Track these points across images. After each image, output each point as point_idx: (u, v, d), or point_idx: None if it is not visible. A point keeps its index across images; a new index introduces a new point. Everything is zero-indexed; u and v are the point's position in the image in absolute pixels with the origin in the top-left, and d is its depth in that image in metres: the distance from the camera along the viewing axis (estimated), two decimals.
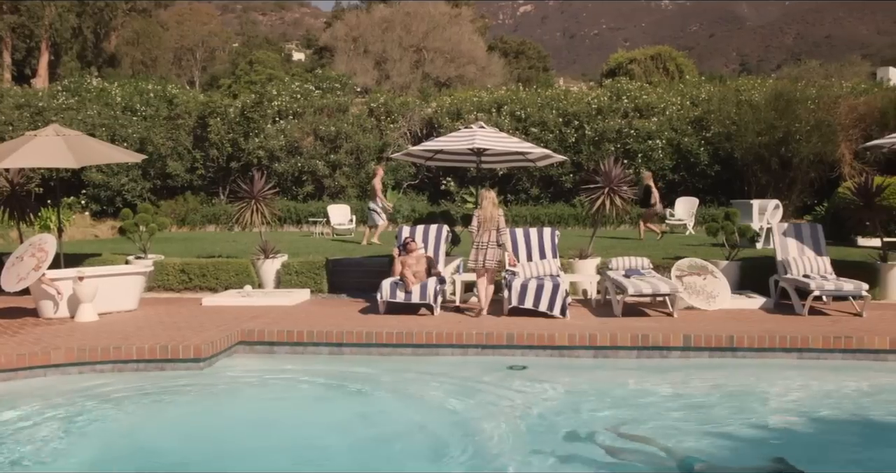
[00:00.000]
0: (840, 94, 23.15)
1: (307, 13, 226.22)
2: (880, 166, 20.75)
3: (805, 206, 21.93)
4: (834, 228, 15.73)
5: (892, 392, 7.50)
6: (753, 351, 8.35)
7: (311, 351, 8.72)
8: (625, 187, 11.98)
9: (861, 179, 12.39)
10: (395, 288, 9.93)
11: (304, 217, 23.52)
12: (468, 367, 8.12)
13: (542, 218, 22.79)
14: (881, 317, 9.67)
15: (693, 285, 10.52)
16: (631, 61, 46.42)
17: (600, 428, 6.16)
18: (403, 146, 24.48)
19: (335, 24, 63.62)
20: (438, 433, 6.26)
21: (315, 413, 6.96)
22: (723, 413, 6.70)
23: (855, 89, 24.63)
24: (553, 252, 11.06)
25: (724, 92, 25.11)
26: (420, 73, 53.00)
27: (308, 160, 24.86)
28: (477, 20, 65.52)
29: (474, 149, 11.23)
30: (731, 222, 12.01)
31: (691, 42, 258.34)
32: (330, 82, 28.85)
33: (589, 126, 24.34)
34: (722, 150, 23.36)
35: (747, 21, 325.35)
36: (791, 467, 5.32)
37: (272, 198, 13.21)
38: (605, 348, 8.41)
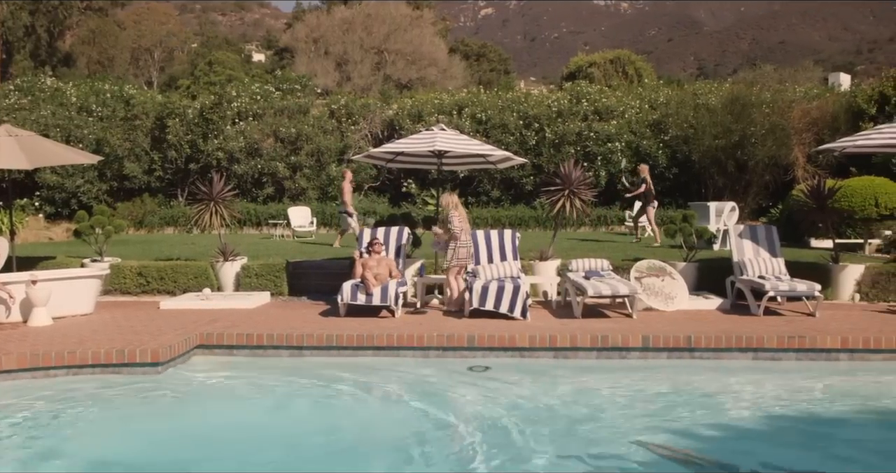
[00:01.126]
0: (794, 99, 23.62)
1: (267, 14, 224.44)
2: (832, 169, 21.21)
3: (760, 208, 22.31)
4: (788, 230, 16.03)
5: (843, 389, 7.67)
6: (710, 351, 8.48)
7: (271, 354, 8.66)
8: (584, 189, 12.08)
9: (814, 182, 12.64)
10: (356, 290, 9.89)
11: (265, 219, 23.35)
12: (429, 369, 8.12)
13: (502, 220, 22.89)
14: (833, 317, 9.88)
15: (652, 286, 10.64)
16: (591, 65, 46.86)
17: (569, 428, 6.21)
18: (364, 148, 24.42)
19: (296, 25, 63.18)
20: (399, 436, 6.25)
21: (275, 417, 6.91)
22: (681, 412, 6.78)
23: (808, 94, 25.15)
24: (514, 254, 11.11)
25: (681, 95, 25.48)
26: (381, 75, 52.89)
27: (268, 162, 24.67)
28: (438, 22, 65.54)
29: (435, 152, 11.25)
30: (688, 224, 12.17)
31: (650, 46, 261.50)
32: (290, 83, 28.67)
33: (549, 128, 24.51)
34: (680, 153, 23.70)
35: (704, 26, 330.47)
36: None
37: (231, 200, 13.08)
38: (566, 349, 8.48)
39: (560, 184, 11.97)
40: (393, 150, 11.81)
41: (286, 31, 70.46)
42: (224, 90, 27.02)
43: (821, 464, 5.73)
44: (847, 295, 11.50)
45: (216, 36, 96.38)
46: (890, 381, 7.90)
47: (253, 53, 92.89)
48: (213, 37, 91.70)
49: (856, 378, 8.02)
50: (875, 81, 24.13)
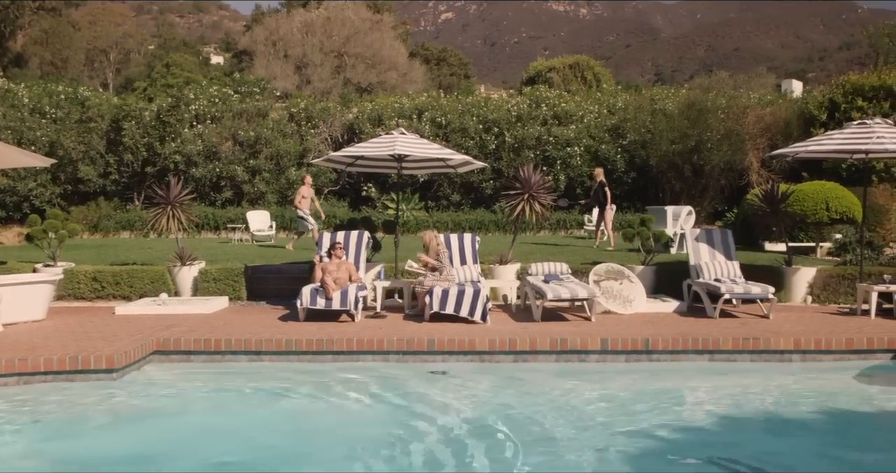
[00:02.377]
0: (748, 105, 24.04)
1: (226, 16, 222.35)
2: (785, 174, 21.62)
3: (716, 212, 22.66)
4: (743, 233, 16.30)
5: (796, 390, 7.82)
6: (668, 354, 8.60)
7: (228, 359, 8.57)
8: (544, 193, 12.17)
9: (767, 187, 12.87)
10: (316, 294, 9.84)
11: (223, 223, 23.09)
12: (389, 373, 8.11)
13: (463, 224, 22.94)
14: (786, 319, 10.08)
15: (610, 289, 10.75)
16: (550, 70, 47.17)
17: (527, 430, 6.24)
18: (324, 152, 24.30)
19: (255, 28, 62.66)
20: (356, 440, 6.24)
21: (232, 423, 6.84)
22: (639, 414, 6.86)
23: (761, 100, 25.62)
24: (474, 257, 11.15)
25: (639, 101, 25.79)
26: (341, 79, 52.69)
27: (227, 165, 24.43)
28: (398, 26, 65.56)
29: (395, 155, 11.24)
30: (646, 228, 12.32)
31: (608, 52, 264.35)
32: (249, 86, 28.47)
33: (509, 133, 24.64)
34: (638, 158, 23.98)
35: (662, 32, 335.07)
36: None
37: (189, 203, 12.95)
38: (525, 353, 8.52)
39: (519, 189, 12.04)
40: (353, 154, 11.77)
41: (245, 33, 69.85)
42: (182, 92, 26.70)
43: (773, 463, 5.84)
44: (800, 297, 11.73)
45: (174, 38, 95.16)
46: (840, 381, 8.08)
47: (211, 56, 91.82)
48: (170, 38, 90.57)
49: (808, 378, 8.18)
50: (825, 88, 24.66)
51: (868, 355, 8.63)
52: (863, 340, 8.67)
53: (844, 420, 6.89)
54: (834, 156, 13.09)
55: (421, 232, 10.83)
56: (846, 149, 10.95)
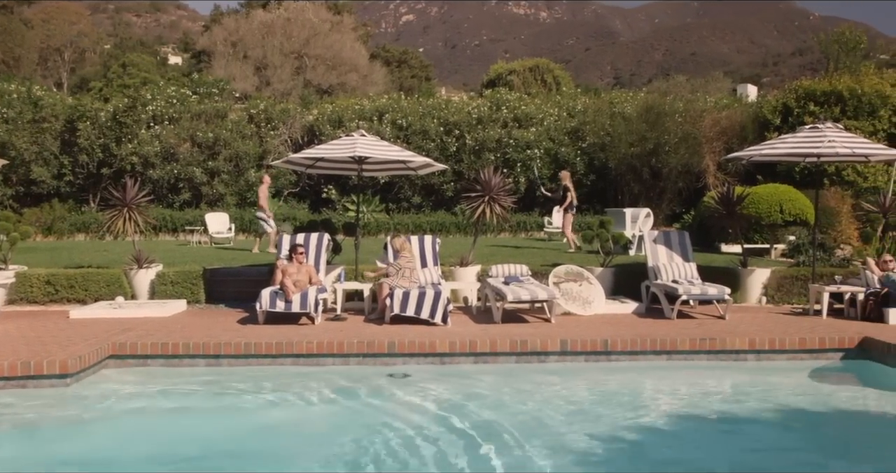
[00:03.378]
0: (705, 109, 24.37)
1: (184, 16, 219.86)
2: (741, 177, 21.97)
3: (674, 214, 22.94)
4: (700, 235, 16.53)
5: (751, 388, 7.96)
6: (626, 354, 8.69)
7: (186, 363, 8.46)
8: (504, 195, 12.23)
9: (723, 189, 13.09)
10: (275, 297, 9.77)
11: (181, 225, 22.79)
12: (349, 376, 8.08)
13: (423, 226, 22.94)
14: (741, 319, 10.25)
15: (569, 291, 10.84)
16: (510, 72, 47.40)
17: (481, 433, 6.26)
18: (284, 153, 24.13)
19: (213, 28, 61.95)
20: (315, 444, 6.21)
21: (190, 427, 6.76)
22: (599, 414, 6.92)
23: (718, 104, 26.00)
24: (434, 260, 11.17)
25: (598, 104, 26.00)
26: (301, 80, 52.37)
27: (185, 167, 24.13)
28: (359, 28, 65.35)
29: (355, 157, 11.20)
30: (605, 230, 12.44)
31: (568, 55, 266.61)
32: (208, 87, 28.13)
33: (469, 135, 24.69)
34: (597, 160, 24.19)
35: (621, 36, 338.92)
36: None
37: (146, 205, 12.76)
38: (485, 354, 8.56)
39: (480, 191, 12.09)
40: (313, 156, 11.72)
41: (203, 33, 69.00)
42: (138, 93, 26.29)
43: (727, 461, 5.94)
44: (755, 297, 11.94)
45: (130, 37, 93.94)
46: (793, 380, 8.25)
47: (169, 56, 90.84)
48: (126, 38, 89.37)
49: (762, 377, 8.34)
50: (779, 93, 25.12)
51: (820, 354, 8.82)
52: (815, 340, 8.85)
53: (797, 418, 7.02)
54: (787, 159, 13.36)
55: (396, 237, 10.80)
56: (799, 152, 11.19)
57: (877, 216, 13.55)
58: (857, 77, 21.88)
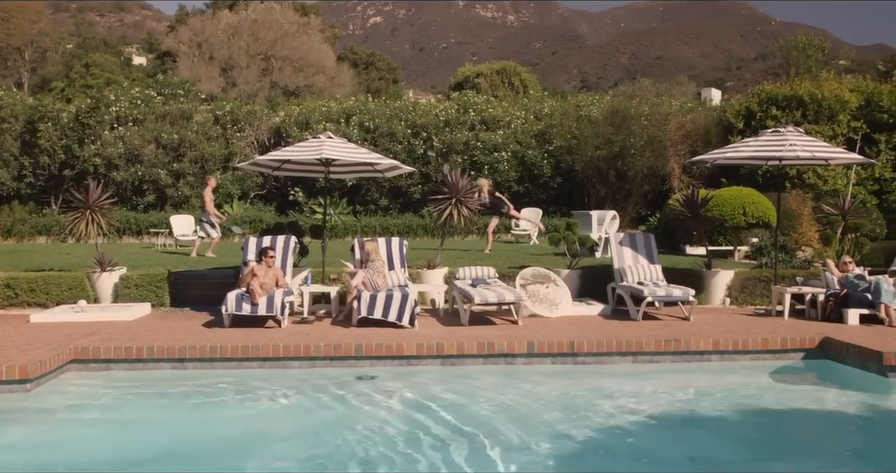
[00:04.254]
0: (670, 112, 24.66)
1: (149, 16, 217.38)
2: (705, 180, 22.24)
3: (640, 217, 23.16)
4: (665, 237, 16.69)
5: (715, 389, 8.07)
6: (592, 356, 8.76)
7: (151, 367, 8.37)
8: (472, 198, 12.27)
9: (688, 192, 13.24)
10: (241, 300, 9.69)
11: (145, 228, 22.53)
12: (315, 379, 8.04)
13: (391, 228, 22.90)
14: (706, 321, 10.39)
15: (536, 293, 10.89)
16: (478, 75, 47.51)
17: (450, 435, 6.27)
18: (250, 155, 23.97)
19: (179, 29, 61.28)
20: (280, 449, 6.18)
21: (154, 432, 6.68)
22: (565, 416, 6.96)
23: (683, 108, 26.30)
24: (402, 262, 11.16)
25: (565, 107, 26.19)
26: (268, 82, 52.01)
27: (149, 169, 23.86)
28: (326, 30, 65.06)
29: (322, 160, 11.16)
30: (571, 232, 12.52)
31: (535, 58, 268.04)
32: (173, 88, 27.85)
33: (437, 138, 24.72)
34: (564, 163, 24.34)
35: (587, 40, 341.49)
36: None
37: (109, 208, 12.59)
38: (453, 357, 8.57)
39: (447, 193, 12.11)
40: (279, 158, 11.66)
41: (169, 34, 68.22)
42: (102, 94, 25.94)
43: (691, 460, 6.01)
44: (719, 299, 12.10)
45: (93, 37, 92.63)
46: (755, 379, 8.39)
47: (133, 56, 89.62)
48: (89, 38, 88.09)
49: (726, 377, 8.46)
50: (742, 97, 25.48)
51: (781, 354, 8.97)
52: (777, 340, 8.99)
53: (760, 418, 7.13)
54: (750, 162, 13.56)
55: (369, 242, 10.77)
56: (761, 155, 11.36)
57: (836, 218, 13.79)
58: (817, 82, 22.27)
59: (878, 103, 21.36)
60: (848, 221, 13.69)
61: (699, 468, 5.91)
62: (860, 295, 10.25)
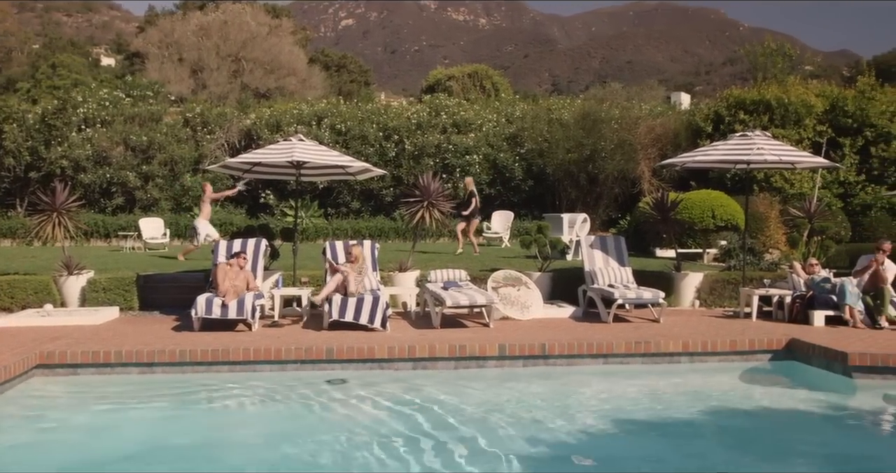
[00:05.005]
0: (640, 116, 24.88)
1: (117, 16, 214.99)
2: (675, 183, 22.44)
3: (610, 220, 23.32)
4: (636, 240, 16.82)
5: (684, 390, 8.15)
6: (564, 358, 8.80)
7: (118, 371, 8.27)
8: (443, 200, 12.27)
9: (658, 195, 13.35)
10: (211, 303, 9.61)
11: (114, 231, 22.27)
12: (286, 383, 8.00)
13: (362, 231, 22.85)
14: (675, 323, 10.48)
15: (508, 296, 10.92)
16: (450, 78, 47.61)
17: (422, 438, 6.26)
18: (221, 158, 23.80)
19: (148, 30, 60.72)
20: (253, 451, 6.14)
21: (119, 438, 6.60)
22: (536, 418, 6.98)
23: (652, 111, 26.55)
24: (373, 265, 11.14)
25: (536, 110, 26.32)
26: (239, 84, 51.64)
27: (118, 171, 23.60)
28: (298, 32, 64.74)
29: (293, 162, 11.12)
30: (543, 235, 12.57)
31: (507, 61, 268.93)
32: (142, 90, 27.57)
33: (409, 140, 24.72)
34: (535, 166, 24.45)
35: (559, 44, 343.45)
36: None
37: (77, 210, 12.43)
38: (424, 359, 8.56)
39: (419, 196, 12.11)
40: (250, 161, 11.59)
41: (138, 35, 67.54)
42: (69, 95, 25.64)
43: (662, 461, 6.06)
44: (688, 301, 12.22)
45: (60, 37, 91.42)
46: (724, 380, 8.49)
47: (101, 57, 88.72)
48: (56, 38, 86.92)
49: (695, 379, 8.54)
50: (711, 102, 25.80)
51: (749, 356, 9.08)
52: (745, 342, 9.10)
53: (729, 418, 7.21)
54: (719, 166, 13.71)
55: (355, 246, 10.72)
56: (730, 159, 11.50)
57: (803, 221, 13.99)
58: (784, 87, 22.60)
59: (842, 108, 21.73)
60: (814, 224, 13.90)
61: (668, 468, 5.96)
62: (825, 297, 10.41)
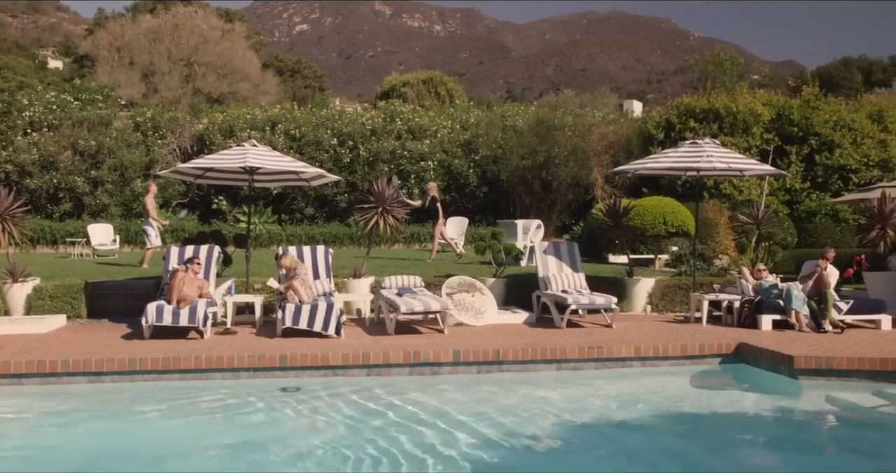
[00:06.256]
0: (593, 123, 25.17)
1: (65, 18, 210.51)
2: (627, 189, 22.74)
3: (564, 226, 23.52)
4: (589, 246, 16.99)
5: (636, 394, 8.25)
6: (517, 364, 8.84)
7: (65, 381, 8.08)
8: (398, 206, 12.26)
9: (610, 202, 13.51)
10: (162, 310, 9.46)
11: (61, 237, 21.78)
12: (238, 391, 7.91)
13: (317, 237, 22.71)
14: (627, 328, 10.60)
15: (462, 302, 10.95)
16: (404, 84, 47.58)
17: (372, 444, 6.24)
18: (172, 163, 23.45)
19: (97, 32, 59.56)
20: (205, 460, 6.06)
21: (65, 450, 6.46)
22: (490, 423, 6.99)
23: (605, 119, 26.87)
24: (327, 271, 11.08)
25: (491, 117, 26.46)
26: (191, 88, 50.97)
27: (65, 176, 23.12)
28: (251, 36, 64.21)
29: (246, 168, 11.02)
30: (497, 241, 12.63)
31: (462, 68, 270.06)
32: (91, 93, 27.05)
33: (363, 146, 24.66)
34: (489, 172, 24.57)
35: (513, 51, 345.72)
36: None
37: (22, 216, 12.14)
38: (379, 366, 8.54)
39: (374, 202, 12.08)
40: (202, 166, 11.45)
41: (86, 37, 66.31)
42: (14, 98, 25.09)
43: (615, 465, 6.12)
44: (640, 306, 12.37)
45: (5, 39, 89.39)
46: (675, 384, 8.61)
47: (49, 60, 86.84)
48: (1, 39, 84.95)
49: (646, 383, 8.65)
50: (662, 109, 26.21)
51: (700, 360, 9.22)
52: (695, 346, 9.25)
53: (680, 421, 7.32)
54: (670, 173, 13.92)
55: (284, 257, 10.60)
56: (680, 166, 11.69)
57: (751, 227, 14.27)
58: (732, 96, 23.07)
59: (788, 117, 22.25)
60: (761, 230, 14.17)
61: (619, 469, 6.02)
62: (773, 302, 10.63)
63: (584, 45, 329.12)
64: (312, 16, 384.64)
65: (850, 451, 6.73)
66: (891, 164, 21.72)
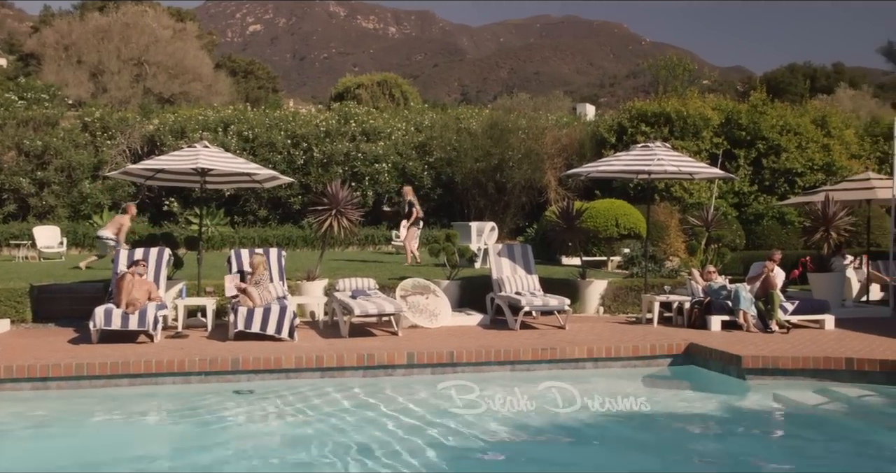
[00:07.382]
0: (546, 126, 25.35)
1: (9, 15, 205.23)
2: (580, 192, 22.94)
3: (518, 228, 23.63)
4: (542, 248, 17.10)
5: (589, 395, 8.31)
6: (471, 365, 8.88)
7: (8, 387, 7.87)
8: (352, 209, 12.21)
9: (563, 204, 13.63)
10: (111, 314, 9.29)
11: (5, 239, 21.25)
12: (191, 395, 7.80)
13: (270, 239, 22.49)
14: (580, 329, 10.71)
15: (416, 304, 10.95)
16: (359, 86, 47.39)
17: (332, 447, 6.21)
18: (122, 164, 23.03)
19: (43, 30, 58.20)
20: (156, 467, 5.97)
21: (5, 461, 6.31)
22: (441, 426, 7.00)
23: (559, 122, 27.10)
24: (280, 274, 11.00)
25: (445, 119, 26.50)
26: (141, 88, 50.12)
27: (9, 177, 22.56)
28: (204, 36, 63.37)
29: (198, 169, 10.88)
30: (451, 243, 12.66)
31: (416, 71, 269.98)
32: (36, 92, 26.47)
33: (317, 148, 24.50)
34: (444, 175, 24.60)
35: (467, 54, 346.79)
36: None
37: None
38: (332, 369, 8.50)
39: (327, 204, 12.02)
40: (153, 167, 11.29)
41: (32, 35, 64.76)
42: None
43: (566, 464, 6.18)
44: (593, 308, 12.50)
45: None
46: (626, 385, 8.71)
47: None
48: None
49: (600, 384, 8.73)
50: (615, 113, 26.55)
51: (651, 361, 9.36)
52: (647, 347, 9.39)
53: (629, 421, 7.40)
54: (622, 175, 14.12)
55: (256, 255, 10.51)
56: (632, 169, 11.86)
57: (701, 229, 14.51)
58: (683, 100, 23.45)
59: (737, 121, 22.69)
60: (711, 232, 14.42)
61: (570, 470, 6.08)
62: (722, 303, 10.83)
63: (538, 49, 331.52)
64: (266, 16, 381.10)
65: (793, 449, 6.89)
66: (834, 168, 22.27)
